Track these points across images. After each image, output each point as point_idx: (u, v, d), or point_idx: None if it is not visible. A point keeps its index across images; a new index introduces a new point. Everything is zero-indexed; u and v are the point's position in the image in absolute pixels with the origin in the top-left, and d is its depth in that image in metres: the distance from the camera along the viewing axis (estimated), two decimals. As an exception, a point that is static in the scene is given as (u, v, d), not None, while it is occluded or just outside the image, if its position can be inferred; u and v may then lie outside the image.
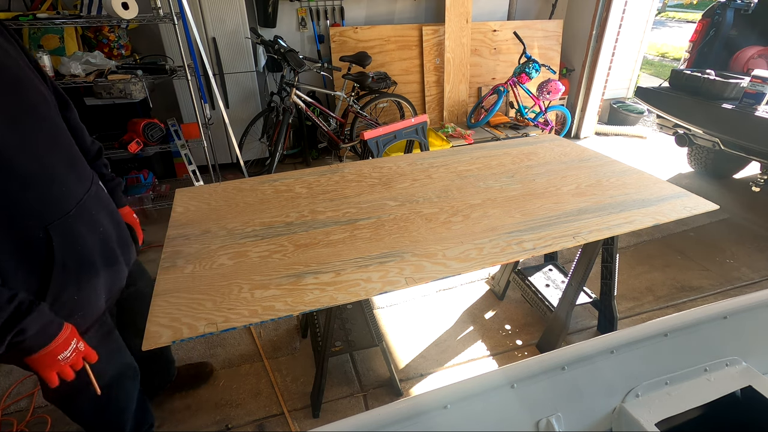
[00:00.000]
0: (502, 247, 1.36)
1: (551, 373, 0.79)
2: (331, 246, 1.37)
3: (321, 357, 1.73)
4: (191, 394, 1.92)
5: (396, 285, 1.20)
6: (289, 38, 4.06)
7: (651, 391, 0.80)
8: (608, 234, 1.46)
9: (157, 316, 1.08)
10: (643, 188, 1.75)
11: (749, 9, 3.53)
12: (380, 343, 1.86)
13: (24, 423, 1.79)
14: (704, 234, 3.14)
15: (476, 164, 1.97)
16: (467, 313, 2.39)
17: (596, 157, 2.06)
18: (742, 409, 0.82)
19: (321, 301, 1.14)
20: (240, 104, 3.85)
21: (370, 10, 4.35)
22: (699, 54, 3.56)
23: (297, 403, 1.88)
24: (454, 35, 4.32)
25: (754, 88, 2.83)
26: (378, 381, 1.98)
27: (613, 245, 2.00)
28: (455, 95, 4.59)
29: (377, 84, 3.85)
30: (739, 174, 4.01)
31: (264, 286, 1.19)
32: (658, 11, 14.40)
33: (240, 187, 1.75)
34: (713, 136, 3.06)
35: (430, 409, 0.72)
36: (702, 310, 0.92)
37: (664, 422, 0.75)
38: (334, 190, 1.73)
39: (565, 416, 0.76)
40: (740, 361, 0.86)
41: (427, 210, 1.58)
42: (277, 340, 2.21)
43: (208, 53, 3.47)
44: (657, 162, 4.35)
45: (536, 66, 4.08)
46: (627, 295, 2.52)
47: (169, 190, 3.41)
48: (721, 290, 2.57)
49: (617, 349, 0.84)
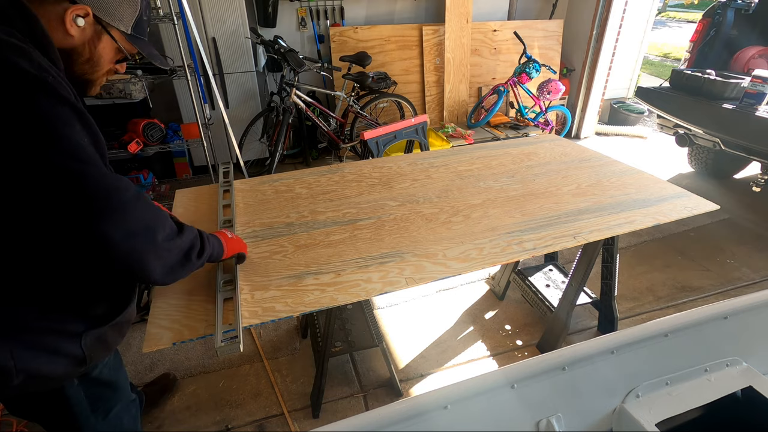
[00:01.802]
0: (503, 247, 1.36)
1: (551, 374, 0.79)
2: (332, 246, 1.37)
3: (321, 357, 1.73)
4: (189, 393, 1.92)
5: (396, 285, 1.20)
6: (289, 38, 4.06)
7: (651, 391, 0.80)
8: (608, 234, 1.46)
9: (158, 318, 1.08)
10: (644, 188, 1.75)
11: (750, 9, 3.53)
12: (380, 344, 1.85)
13: (24, 423, 1.79)
14: (705, 234, 3.13)
15: (476, 164, 1.97)
16: (467, 314, 2.39)
17: (596, 157, 2.06)
18: (742, 409, 0.81)
19: (321, 301, 1.14)
20: (240, 104, 3.85)
21: (370, 10, 4.35)
22: (699, 54, 3.56)
23: (297, 404, 1.88)
24: (455, 35, 4.32)
25: (755, 88, 2.82)
26: (378, 381, 1.98)
27: (614, 245, 2.00)
28: (455, 95, 4.59)
29: (377, 84, 3.85)
30: (740, 174, 4.01)
31: (264, 287, 1.19)
32: (659, 11, 14.40)
33: (240, 187, 1.75)
34: (714, 136, 3.06)
35: (430, 410, 0.72)
36: (702, 310, 0.92)
37: (665, 422, 0.75)
38: (334, 191, 1.73)
39: (566, 416, 0.76)
40: (741, 362, 0.86)
41: (428, 210, 1.58)
42: (277, 340, 2.21)
43: (208, 53, 3.47)
44: (657, 162, 4.35)
45: (536, 66, 4.08)
46: (627, 296, 2.52)
47: (169, 190, 3.40)
48: (721, 290, 2.57)
49: (617, 350, 0.84)
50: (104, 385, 1.17)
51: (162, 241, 0.85)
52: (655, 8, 5.16)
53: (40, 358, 0.87)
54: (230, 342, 0.99)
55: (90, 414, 1.14)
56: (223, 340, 0.99)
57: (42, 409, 1.11)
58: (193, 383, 1.98)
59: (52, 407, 1.09)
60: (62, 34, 0.82)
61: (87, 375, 1.08)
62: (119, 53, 0.93)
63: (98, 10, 0.84)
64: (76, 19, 0.82)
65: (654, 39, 11.05)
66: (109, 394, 1.20)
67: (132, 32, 0.91)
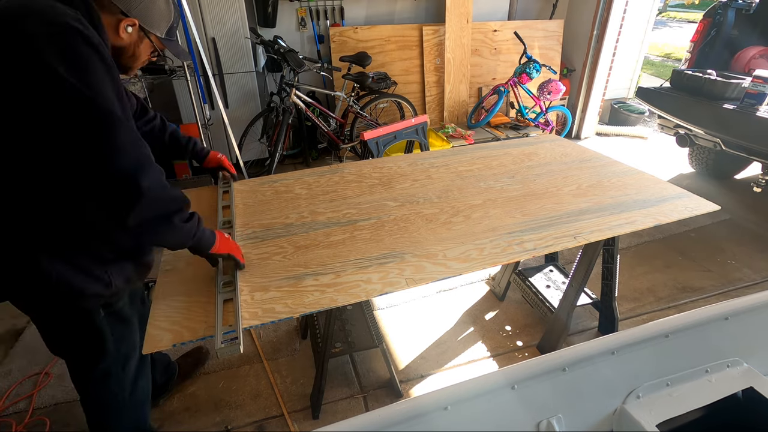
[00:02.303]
0: (503, 248, 1.36)
1: (552, 374, 0.79)
2: (331, 247, 1.36)
3: (321, 358, 1.72)
4: (189, 394, 1.92)
5: (396, 286, 1.19)
6: (288, 38, 4.06)
7: (652, 392, 0.80)
8: (609, 234, 1.45)
9: (157, 319, 1.08)
10: (644, 189, 1.75)
11: (750, 9, 3.53)
12: (380, 345, 1.85)
13: (23, 424, 1.79)
14: (705, 235, 3.13)
15: (477, 164, 1.97)
16: (467, 314, 2.38)
17: (597, 158, 2.05)
18: (743, 410, 0.81)
19: (321, 302, 1.14)
20: (239, 105, 3.85)
21: (370, 10, 4.35)
22: (700, 54, 3.56)
23: (297, 405, 1.88)
24: (455, 35, 4.32)
25: (756, 89, 2.82)
26: (378, 382, 1.98)
27: (614, 246, 1.99)
28: (455, 95, 4.59)
29: (377, 84, 3.85)
30: (741, 174, 4.01)
31: (264, 288, 1.19)
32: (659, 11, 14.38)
33: (239, 188, 1.75)
34: (714, 137, 3.06)
35: (431, 411, 0.72)
36: (703, 311, 0.92)
37: (665, 423, 0.75)
38: (334, 191, 1.73)
39: (566, 417, 0.75)
40: (741, 362, 0.85)
41: (428, 210, 1.57)
42: (276, 341, 2.21)
43: (207, 53, 3.47)
44: (658, 162, 4.35)
45: (537, 66, 4.08)
46: (628, 296, 2.51)
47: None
48: (722, 291, 2.57)
49: (618, 350, 0.83)
50: (125, 323, 1.31)
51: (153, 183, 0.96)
52: (656, 8, 5.16)
53: (76, 276, 1.07)
54: (230, 343, 0.99)
55: (114, 350, 1.30)
56: (223, 342, 0.99)
57: (78, 341, 1.26)
58: (192, 384, 1.97)
59: (86, 337, 1.24)
60: (115, 37, 1.05)
61: (111, 306, 1.23)
62: (154, 50, 1.17)
63: (144, 22, 1.07)
64: (127, 27, 1.05)
65: (654, 39, 11.04)
66: (128, 336, 1.34)
67: (165, 36, 1.15)
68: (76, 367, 1.35)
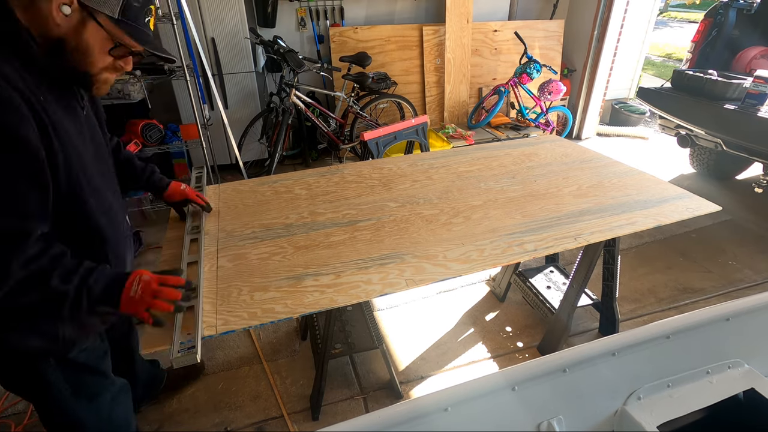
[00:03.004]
0: (503, 249, 1.35)
1: (552, 376, 0.79)
2: (331, 248, 1.36)
3: (321, 359, 1.72)
4: (188, 395, 1.91)
5: (396, 287, 1.19)
6: (288, 38, 4.06)
7: (653, 393, 0.80)
8: (610, 235, 1.45)
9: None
10: (645, 189, 1.74)
11: (752, 9, 3.52)
12: (380, 346, 1.85)
13: (21, 426, 1.79)
14: (706, 235, 3.13)
15: (477, 165, 1.97)
16: (468, 315, 2.38)
17: (598, 158, 2.05)
18: (744, 411, 0.81)
19: (321, 303, 1.13)
20: (239, 105, 3.85)
21: (370, 10, 4.35)
22: (701, 54, 3.55)
23: (296, 406, 1.87)
24: (455, 35, 4.32)
25: (757, 89, 2.81)
26: (378, 383, 1.97)
27: (615, 246, 1.99)
28: (456, 96, 4.59)
29: (377, 84, 3.85)
30: (742, 175, 4.00)
31: (263, 288, 1.18)
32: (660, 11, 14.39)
33: (239, 188, 1.75)
34: (715, 137, 3.05)
35: (431, 412, 0.71)
36: (704, 312, 0.92)
37: (666, 425, 0.74)
38: (334, 192, 1.72)
39: (567, 419, 0.75)
40: (742, 364, 0.85)
41: (428, 211, 1.57)
42: (276, 342, 2.21)
43: (207, 53, 3.47)
44: (659, 163, 4.34)
45: (537, 66, 4.07)
46: (629, 297, 2.51)
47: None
48: (723, 292, 2.56)
49: (619, 352, 0.83)
50: (84, 370, 1.16)
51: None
52: (657, 8, 5.15)
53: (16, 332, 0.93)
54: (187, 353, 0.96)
55: (71, 397, 1.15)
56: (180, 351, 0.96)
57: (28, 390, 1.14)
58: (192, 385, 1.97)
59: (35, 388, 1.11)
60: (50, 25, 0.82)
61: (64, 356, 1.08)
62: (108, 41, 0.89)
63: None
64: (62, 7, 0.81)
65: (655, 39, 11.04)
66: (90, 380, 1.20)
67: (120, 17, 0.87)
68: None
